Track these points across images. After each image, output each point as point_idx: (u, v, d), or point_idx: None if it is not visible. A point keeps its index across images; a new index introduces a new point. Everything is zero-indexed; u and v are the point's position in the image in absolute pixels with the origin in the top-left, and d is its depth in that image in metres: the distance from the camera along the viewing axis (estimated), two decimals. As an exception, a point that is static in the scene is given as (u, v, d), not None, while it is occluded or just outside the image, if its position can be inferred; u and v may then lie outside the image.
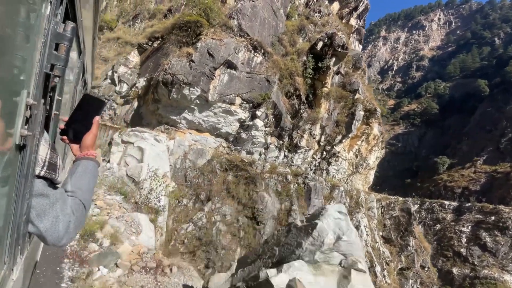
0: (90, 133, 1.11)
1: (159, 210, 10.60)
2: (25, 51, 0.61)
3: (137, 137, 12.90)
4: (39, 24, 0.65)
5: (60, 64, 0.74)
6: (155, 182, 11.13)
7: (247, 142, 16.63)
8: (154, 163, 11.89)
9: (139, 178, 11.04)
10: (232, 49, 15.89)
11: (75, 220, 0.90)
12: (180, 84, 14.15)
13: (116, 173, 10.96)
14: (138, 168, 11.38)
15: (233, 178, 14.63)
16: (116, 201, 8.71)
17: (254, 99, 16.06)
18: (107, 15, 22.63)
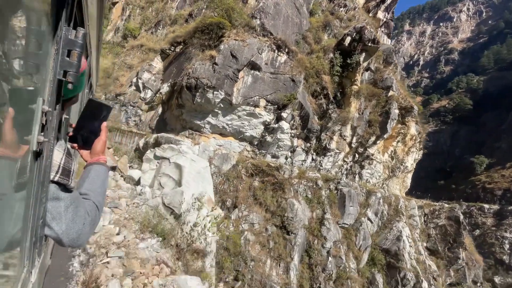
0: (100, 140, 1.12)
1: (206, 252, 8.06)
2: (38, 59, 0.61)
3: (173, 151, 11.10)
4: (51, 31, 0.65)
5: (72, 71, 0.73)
6: (200, 214, 8.69)
7: (272, 145, 15.76)
8: (196, 184, 9.65)
9: (179, 209, 8.34)
10: (256, 50, 15.18)
11: (90, 221, 0.92)
12: (204, 88, 13.65)
13: (150, 201, 8.51)
14: (177, 194, 8.64)
15: (259, 184, 13.81)
16: (154, 250, 6.27)
17: (279, 100, 15.19)
18: (131, 24, 23.00)
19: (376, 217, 13.96)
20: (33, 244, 0.78)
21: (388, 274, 12.50)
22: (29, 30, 0.57)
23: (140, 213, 7.54)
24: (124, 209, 7.54)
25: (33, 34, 0.58)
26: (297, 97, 15.31)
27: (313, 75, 16.79)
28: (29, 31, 0.57)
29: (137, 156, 14.75)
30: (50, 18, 0.65)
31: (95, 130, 1.09)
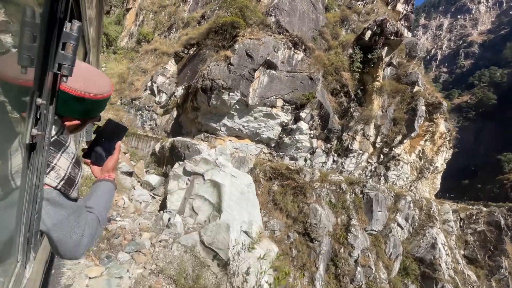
0: (112, 159, 1.14)
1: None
2: (32, 52, 0.60)
3: (208, 164, 9.03)
4: (45, 23, 0.63)
5: (67, 64, 0.72)
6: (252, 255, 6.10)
7: (290, 147, 14.98)
8: (240, 209, 7.41)
9: (227, 252, 5.71)
10: (271, 48, 14.51)
11: (90, 233, 0.91)
12: (219, 89, 13.12)
13: (183, 238, 6.11)
14: (221, 229, 6.12)
15: (279, 188, 13.06)
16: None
17: (297, 100, 14.41)
18: (144, 29, 23.03)
19: (407, 223, 12.84)
20: (27, 238, 0.78)
21: (424, 285, 11.37)
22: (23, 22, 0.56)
23: (171, 258, 5.48)
24: (148, 252, 5.51)
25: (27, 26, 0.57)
26: (316, 95, 14.47)
27: (332, 72, 15.90)
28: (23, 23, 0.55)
29: (153, 160, 14.43)
30: (45, 10, 0.64)
31: (109, 148, 1.13)
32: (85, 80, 0.93)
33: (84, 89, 0.91)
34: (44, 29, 0.63)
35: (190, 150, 12.82)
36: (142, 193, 12.08)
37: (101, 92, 0.96)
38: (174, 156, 13.32)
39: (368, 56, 16.32)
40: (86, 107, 0.97)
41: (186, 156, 12.80)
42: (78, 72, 0.89)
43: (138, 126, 16.87)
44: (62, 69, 0.71)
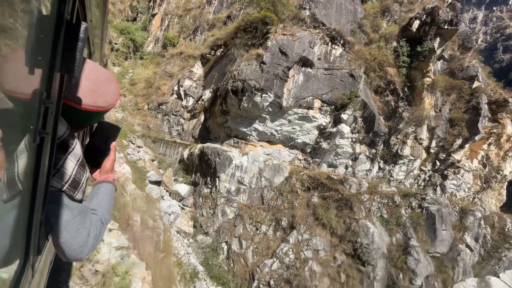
0: (109, 159, 1.13)
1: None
2: (40, 53, 0.60)
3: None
4: (53, 25, 0.64)
5: (74, 65, 0.72)
6: None
7: (329, 153, 13.35)
8: None
9: None
10: (307, 44, 13.07)
11: (94, 235, 0.90)
12: (251, 90, 11.92)
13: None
14: None
15: (319, 200, 11.49)
16: None
17: (337, 100, 12.79)
18: (170, 33, 22.69)
19: (477, 244, 10.65)
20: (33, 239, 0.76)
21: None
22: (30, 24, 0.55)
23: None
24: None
25: (34, 28, 0.56)
26: (359, 94, 12.75)
27: (375, 68, 14.08)
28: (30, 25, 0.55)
29: (181, 168, 13.55)
30: (52, 12, 0.64)
31: (105, 149, 1.12)
32: (93, 92, 0.92)
33: (93, 103, 0.91)
34: (51, 30, 0.63)
35: (221, 157, 11.70)
36: (171, 204, 11.13)
37: (108, 103, 0.96)
38: (204, 164, 12.29)
39: (417, 48, 14.27)
40: (93, 118, 1.01)
41: (217, 164, 11.70)
42: (86, 79, 0.91)
43: (165, 132, 16.21)
44: (69, 70, 0.71)
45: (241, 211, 11.31)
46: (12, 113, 0.59)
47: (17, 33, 0.51)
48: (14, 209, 0.65)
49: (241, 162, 11.68)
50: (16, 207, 0.65)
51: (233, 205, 11.35)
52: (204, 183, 12.19)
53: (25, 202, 0.68)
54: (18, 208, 0.66)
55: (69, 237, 0.82)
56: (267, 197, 11.64)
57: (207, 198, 11.68)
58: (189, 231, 10.83)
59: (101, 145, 1.09)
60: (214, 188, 11.69)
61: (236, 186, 11.53)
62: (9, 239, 0.65)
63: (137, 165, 11.02)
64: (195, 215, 11.51)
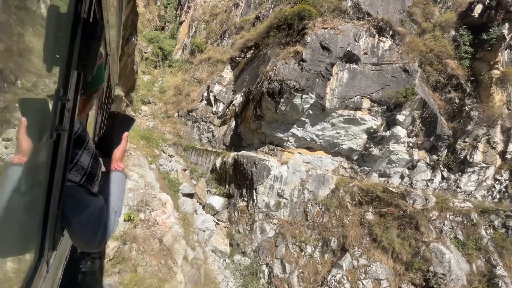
0: (119, 148, 1.14)
1: None
2: (58, 51, 0.60)
3: None
4: (70, 23, 0.64)
5: (90, 63, 0.73)
6: None
7: (380, 160, 11.49)
8: None
9: None
10: (351, 37, 11.49)
11: (109, 226, 0.90)
12: (290, 91, 10.59)
13: None
14: None
15: (375, 218, 9.70)
16: None
17: (389, 99, 10.97)
18: (197, 39, 22.33)
19: None
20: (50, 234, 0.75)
21: None
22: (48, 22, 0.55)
23: None
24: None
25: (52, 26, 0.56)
26: (416, 91, 10.83)
27: (431, 62, 12.06)
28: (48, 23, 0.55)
29: (214, 178, 12.53)
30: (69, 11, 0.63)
31: (118, 140, 1.14)
32: None
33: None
34: (68, 29, 0.63)
35: (258, 167, 10.45)
36: (205, 218, 10.06)
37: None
38: (239, 174, 11.12)
39: (482, 36, 11.99)
40: (101, 73, 1.02)
41: (253, 174, 10.46)
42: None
43: (195, 139, 15.44)
44: (86, 68, 0.72)
45: (282, 229, 9.90)
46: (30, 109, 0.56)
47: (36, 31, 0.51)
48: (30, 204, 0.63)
49: (280, 172, 10.33)
50: (32, 202, 0.64)
51: (272, 221, 9.99)
52: (239, 195, 11.00)
53: (41, 197, 0.67)
54: (34, 203, 0.66)
55: (87, 230, 0.84)
56: (311, 213, 10.11)
57: (243, 212, 10.45)
58: (225, 250, 9.65)
59: (115, 136, 1.10)
60: (251, 201, 10.44)
61: (275, 199, 10.17)
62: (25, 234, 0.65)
63: (170, 177, 10.15)
64: (231, 231, 10.32)
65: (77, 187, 0.85)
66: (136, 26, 12.13)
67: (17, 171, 0.56)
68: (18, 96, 0.51)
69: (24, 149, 0.55)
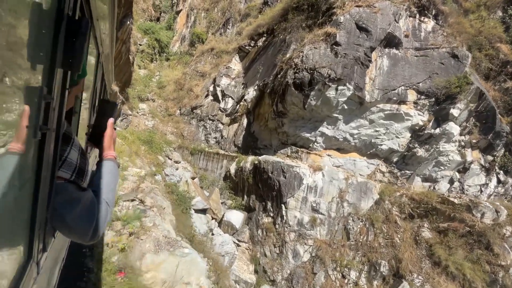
0: (106, 135, 1.08)
1: None
2: (41, 48, 0.59)
3: None
4: (54, 20, 0.63)
5: (76, 61, 0.70)
6: None
7: (426, 162, 9.62)
8: None
9: None
10: (391, 16, 9.46)
11: (102, 219, 0.88)
12: (324, 82, 8.53)
13: None
14: None
15: (433, 235, 7.83)
16: None
17: (439, 90, 9.06)
18: (197, 29, 19.94)
19: None
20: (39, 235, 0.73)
21: None
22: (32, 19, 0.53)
23: None
24: None
25: (36, 23, 0.55)
26: (471, 80, 8.93)
27: (481, 46, 10.14)
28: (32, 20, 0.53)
29: (228, 186, 10.44)
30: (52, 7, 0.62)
31: (105, 128, 1.09)
32: None
33: None
34: (51, 26, 0.61)
35: (287, 175, 8.40)
36: (224, 240, 7.98)
37: None
38: (262, 184, 9.05)
39: (536, 15, 10.15)
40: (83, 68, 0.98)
41: (281, 185, 8.41)
42: None
43: (202, 140, 13.29)
44: (71, 66, 0.69)
45: (320, 251, 7.94)
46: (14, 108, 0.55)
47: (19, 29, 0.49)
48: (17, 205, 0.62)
49: (314, 182, 8.32)
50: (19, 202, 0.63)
51: (307, 242, 8.02)
52: (262, 209, 8.97)
53: (29, 197, 0.65)
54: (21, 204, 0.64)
55: (80, 225, 0.83)
56: (353, 230, 8.17)
57: (269, 231, 8.44)
58: (251, 280, 7.63)
59: (102, 124, 1.06)
60: (278, 217, 8.42)
61: (310, 215, 8.18)
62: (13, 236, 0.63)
63: (179, 189, 8.04)
64: (255, 254, 8.31)
65: (67, 183, 0.85)
66: (131, 5, 9.82)
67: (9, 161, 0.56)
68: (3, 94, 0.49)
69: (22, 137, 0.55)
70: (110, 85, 3.75)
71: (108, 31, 1.63)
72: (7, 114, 0.51)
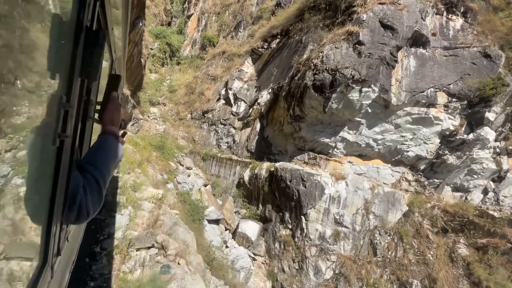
0: (107, 110, 1.01)
1: None
2: (61, 58, 0.60)
3: None
4: (73, 31, 0.64)
5: (93, 70, 0.71)
6: None
7: (456, 171, 8.80)
8: None
9: None
10: (418, 13, 8.80)
11: (89, 199, 0.81)
12: (347, 84, 7.91)
13: None
14: None
15: (471, 252, 7.00)
16: None
17: (472, 92, 8.29)
18: (208, 32, 19.69)
19: None
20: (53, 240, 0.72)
21: None
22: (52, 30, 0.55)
23: None
24: None
25: (56, 34, 0.56)
26: (507, 82, 8.14)
27: (514, 44, 9.32)
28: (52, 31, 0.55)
29: (241, 194, 9.85)
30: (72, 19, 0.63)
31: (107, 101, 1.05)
32: None
33: None
34: (71, 37, 0.63)
35: (307, 184, 7.75)
36: (238, 254, 7.36)
37: None
38: (279, 193, 8.42)
39: None
40: None
41: (301, 194, 7.77)
42: None
43: (213, 145, 12.81)
44: (89, 75, 0.70)
45: (344, 268, 7.21)
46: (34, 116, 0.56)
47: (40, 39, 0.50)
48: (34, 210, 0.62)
49: (337, 192, 7.64)
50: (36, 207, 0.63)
51: (330, 258, 7.31)
52: (279, 220, 8.32)
53: (45, 202, 0.65)
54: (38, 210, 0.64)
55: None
56: (380, 245, 7.42)
57: (287, 244, 7.77)
58: (268, 299, 6.98)
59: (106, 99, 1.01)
60: (298, 230, 7.75)
61: (332, 228, 7.48)
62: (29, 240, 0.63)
63: (191, 198, 7.50)
64: (272, 269, 7.64)
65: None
66: (144, 7, 9.56)
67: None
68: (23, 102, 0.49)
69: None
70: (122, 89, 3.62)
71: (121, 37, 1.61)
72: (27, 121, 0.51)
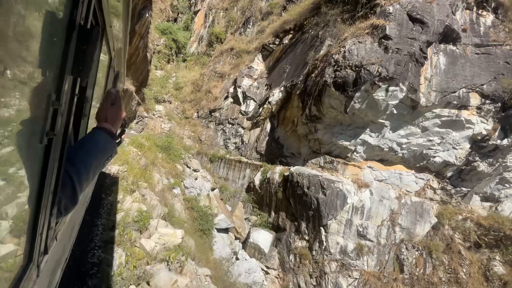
0: (101, 107, 0.98)
1: None
2: (52, 55, 0.60)
3: None
4: (65, 28, 0.63)
5: (86, 68, 0.70)
6: None
7: (487, 179, 8.00)
8: None
9: None
10: (448, 7, 7.99)
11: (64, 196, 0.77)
12: (372, 81, 7.13)
13: None
14: None
15: (510, 271, 6.21)
16: None
17: (506, 93, 7.47)
18: (215, 28, 18.95)
19: None
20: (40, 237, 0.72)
21: None
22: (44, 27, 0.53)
23: None
24: None
25: (47, 31, 0.55)
26: (549, 83, 7.30)
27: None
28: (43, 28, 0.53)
29: (251, 199, 9.12)
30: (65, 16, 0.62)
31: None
32: None
33: None
34: (63, 34, 0.62)
35: (328, 192, 6.98)
36: (250, 267, 6.64)
37: None
38: (294, 200, 7.67)
39: None
40: None
41: (321, 203, 7.00)
42: None
43: (220, 145, 12.09)
44: (81, 73, 0.69)
45: (367, 286, 6.46)
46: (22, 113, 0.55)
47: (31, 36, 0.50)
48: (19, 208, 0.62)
49: (361, 201, 6.88)
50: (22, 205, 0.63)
51: (352, 274, 6.55)
52: (294, 230, 7.57)
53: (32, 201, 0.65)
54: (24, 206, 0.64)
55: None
56: (407, 261, 6.65)
57: (304, 257, 7.02)
58: (283, 319, 6.24)
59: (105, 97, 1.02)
60: (316, 242, 7.00)
61: (355, 241, 6.73)
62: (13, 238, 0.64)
63: (199, 204, 6.78)
64: (287, 285, 6.90)
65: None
66: (149, -4, 8.89)
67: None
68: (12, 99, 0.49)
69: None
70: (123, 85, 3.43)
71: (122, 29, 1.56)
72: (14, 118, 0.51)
